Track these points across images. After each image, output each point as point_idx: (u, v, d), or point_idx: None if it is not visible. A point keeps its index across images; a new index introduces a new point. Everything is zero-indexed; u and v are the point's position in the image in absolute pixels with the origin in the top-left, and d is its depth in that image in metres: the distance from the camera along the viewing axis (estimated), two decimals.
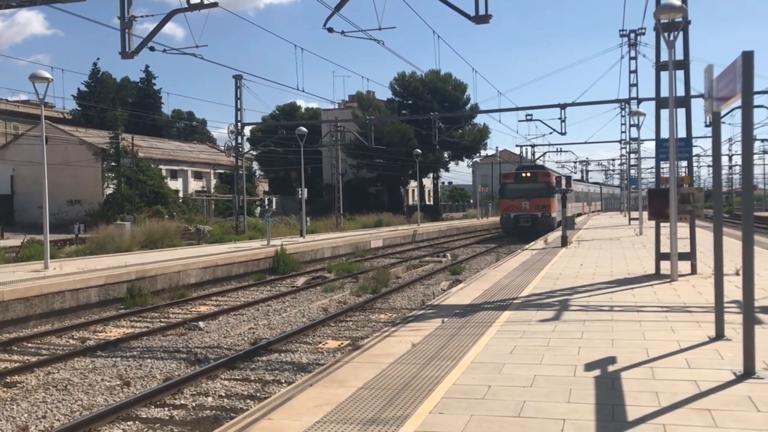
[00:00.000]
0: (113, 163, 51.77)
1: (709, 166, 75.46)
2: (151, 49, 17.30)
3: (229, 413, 8.00)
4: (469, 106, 67.54)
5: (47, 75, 17.20)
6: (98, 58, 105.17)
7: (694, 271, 14.07)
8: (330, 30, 17.42)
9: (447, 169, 79.18)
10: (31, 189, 50.31)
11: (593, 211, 68.49)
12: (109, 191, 52.43)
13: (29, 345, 12.52)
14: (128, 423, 7.84)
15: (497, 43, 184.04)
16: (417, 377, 6.64)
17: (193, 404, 8.47)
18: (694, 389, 5.92)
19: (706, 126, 41.14)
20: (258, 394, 8.78)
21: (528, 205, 38.59)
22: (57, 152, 47.16)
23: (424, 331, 8.92)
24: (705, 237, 21.21)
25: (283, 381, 9.40)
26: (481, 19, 15.16)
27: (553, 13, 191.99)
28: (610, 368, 6.74)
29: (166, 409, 8.32)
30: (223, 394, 8.87)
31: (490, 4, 15.07)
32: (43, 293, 14.39)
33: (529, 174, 40.11)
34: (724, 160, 77.29)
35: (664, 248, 13.96)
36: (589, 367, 6.82)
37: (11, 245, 30.29)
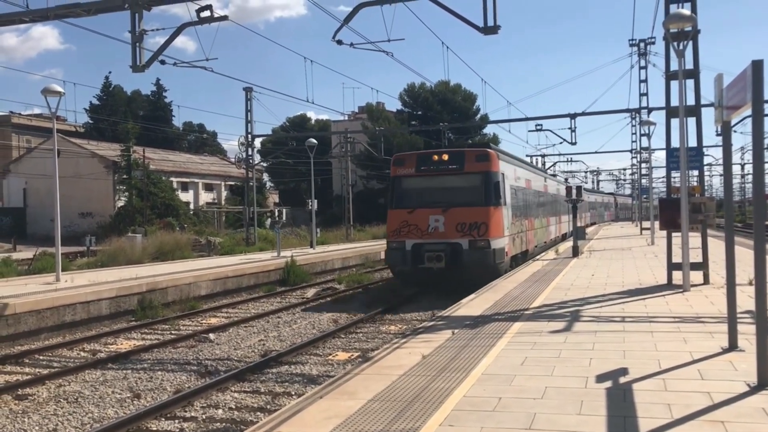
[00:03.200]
0: (124, 176, 52.16)
1: (721, 175, 75.15)
2: (162, 62, 17.40)
3: (239, 426, 7.99)
4: (478, 116, 67.70)
5: (59, 89, 17.35)
6: (110, 72, 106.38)
7: (706, 281, 13.96)
8: (339, 42, 17.49)
9: None
10: (44, 202, 50.71)
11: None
12: (120, 204, 52.78)
13: (41, 357, 12.57)
14: None
15: (506, 54, 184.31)
16: (427, 389, 6.61)
17: (204, 416, 8.47)
18: (707, 401, 5.86)
19: (718, 135, 41.02)
20: (268, 407, 8.76)
21: (442, 222, 18.31)
22: (69, 165, 47.58)
23: (435, 343, 8.88)
24: (717, 246, 21.03)
25: (293, 393, 9.38)
26: (490, 30, 15.18)
27: (562, 23, 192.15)
28: (622, 380, 6.68)
29: (177, 421, 8.32)
30: (233, 407, 8.86)
31: (498, 15, 15.10)
32: (54, 306, 14.45)
33: (446, 157, 19.20)
34: (737, 169, 76.89)
35: (676, 258, 13.86)
36: (600, 378, 6.76)
37: (24, 258, 30.48)
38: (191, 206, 60.42)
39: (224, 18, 16.57)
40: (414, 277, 19.24)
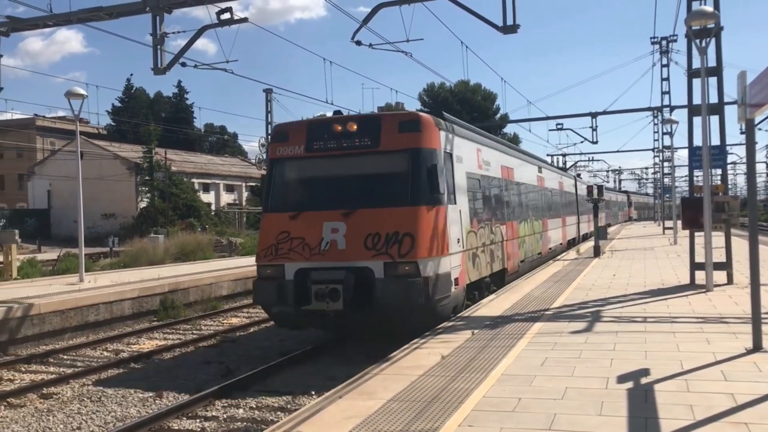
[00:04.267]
0: (147, 177, 52.67)
1: (745, 173, 74.05)
2: (183, 64, 17.49)
3: (260, 425, 8.03)
4: (498, 115, 67.41)
5: (82, 91, 17.56)
6: (131, 74, 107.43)
7: (730, 280, 13.79)
8: (358, 43, 17.49)
9: None
10: (67, 203, 51.32)
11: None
12: (142, 205, 53.30)
13: (65, 357, 12.73)
14: None
15: (526, 53, 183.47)
16: (446, 389, 6.60)
17: (224, 416, 8.52)
18: (731, 402, 5.79)
19: (741, 133, 40.52)
20: (288, 406, 8.80)
21: (342, 233, 10.90)
22: (92, 167, 48.09)
23: (454, 343, 8.87)
24: (741, 246, 20.75)
25: (313, 393, 9.41)
26: (509, 29, 15.11)
27: (582, 21, 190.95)
28: (643, 380, 6.62)
29: (198, 420, 8.38)
30: (254, 406, 8.90)
31: (518, 13, 15.01)
32: (78, 306, 14.62)
33: (353, 127, 11.52)
34: (761, 167, 75.85)
35: (699, 258, 13.71)
36: (621, 379, 6.71)
37: (48, 259, 30.87)
38: (212, 207, 60.83)
39: (244, 20, 16.65)
40: (300, 322, 11.71)
